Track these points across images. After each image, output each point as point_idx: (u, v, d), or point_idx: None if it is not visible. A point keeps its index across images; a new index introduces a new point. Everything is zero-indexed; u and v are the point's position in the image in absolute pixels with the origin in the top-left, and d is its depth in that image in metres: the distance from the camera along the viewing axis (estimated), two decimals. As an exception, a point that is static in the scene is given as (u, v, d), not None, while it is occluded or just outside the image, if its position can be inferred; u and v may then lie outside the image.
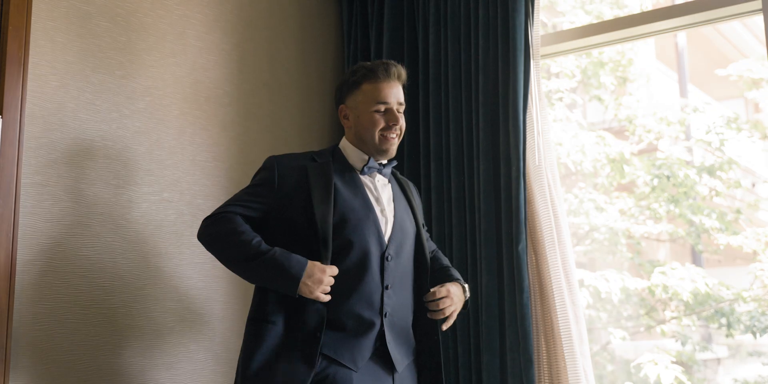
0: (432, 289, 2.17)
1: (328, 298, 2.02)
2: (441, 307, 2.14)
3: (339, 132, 3.24)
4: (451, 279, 2.25)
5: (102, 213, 2.40)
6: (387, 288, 2.12)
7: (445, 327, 2.18)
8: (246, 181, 2.84)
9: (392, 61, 2.22)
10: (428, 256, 2.28)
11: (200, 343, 2.62)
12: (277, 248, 2.02)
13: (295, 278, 1.98)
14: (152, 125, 2.58)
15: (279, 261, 1.99)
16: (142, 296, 2.47)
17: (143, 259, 2.49)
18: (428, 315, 2.18)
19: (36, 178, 2.26)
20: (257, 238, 2.04)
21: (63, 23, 2.38)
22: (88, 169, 2.39)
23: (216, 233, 2.08)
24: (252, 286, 2.79)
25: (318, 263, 2.02)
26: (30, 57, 2.27)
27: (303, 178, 2.14)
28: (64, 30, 2.38)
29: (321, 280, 2.00)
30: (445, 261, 2.38)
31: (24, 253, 2.20)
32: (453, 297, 2.17)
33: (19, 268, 2.18)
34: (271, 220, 2.13)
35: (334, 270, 2.04)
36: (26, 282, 2.19)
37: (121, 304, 2.42)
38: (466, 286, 2.27)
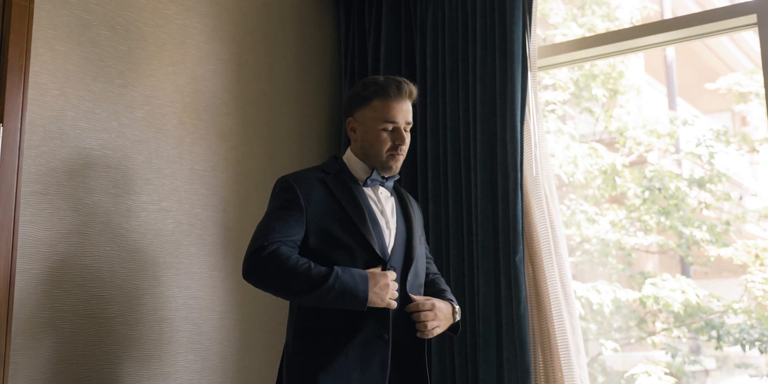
0: (417, 299, 2.12)
1: (395, 304, 2.04)
2: (422, 319, 2.08)
3: (337, 141, 3.25)
4: (443, 299, 2.21)
5: (101, 222, 2.40)
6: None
7: (419, 334, 2.11)
8: (243, 190, 2.85)
9: (404, 79, 2.20)
10: (423, 271, 2.26)
11: (198, 353, 2.61)
12: (336, 269, 1.99)
13: (364, 293, 1.98)
14: (151, 134, 2.58)
15: (343, 281, 1.97)
16: (140, 305, 2.46)
17: (141, 268, 2.49)
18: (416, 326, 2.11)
19: (36, 187, 2.25)
20: (309, 264, 1.99)
21: (64, 32, 2.38)
22: (88, 177, 2.38)
23: (268, 272, 1.99)
24: (247, 297, 2.79)
25: (376, 270, 2.04)
26: (31, 65, 2.27)
27: (326, 190, 2.13)
28: (65, 39, 2.38)
29: (387, 284, 2.02)
30: (444, 285, 2.34)
31: (23, 262, 2.19)
32: (437, 313, 2.12)
33: (18, 276, 2.16)
34: (311, 236, 2.09)
35: (393, 274, 2.06)
36: (25, 290, 2.18)
37: (119, 314, 2.41)
38: (458, 308, 2.22)
